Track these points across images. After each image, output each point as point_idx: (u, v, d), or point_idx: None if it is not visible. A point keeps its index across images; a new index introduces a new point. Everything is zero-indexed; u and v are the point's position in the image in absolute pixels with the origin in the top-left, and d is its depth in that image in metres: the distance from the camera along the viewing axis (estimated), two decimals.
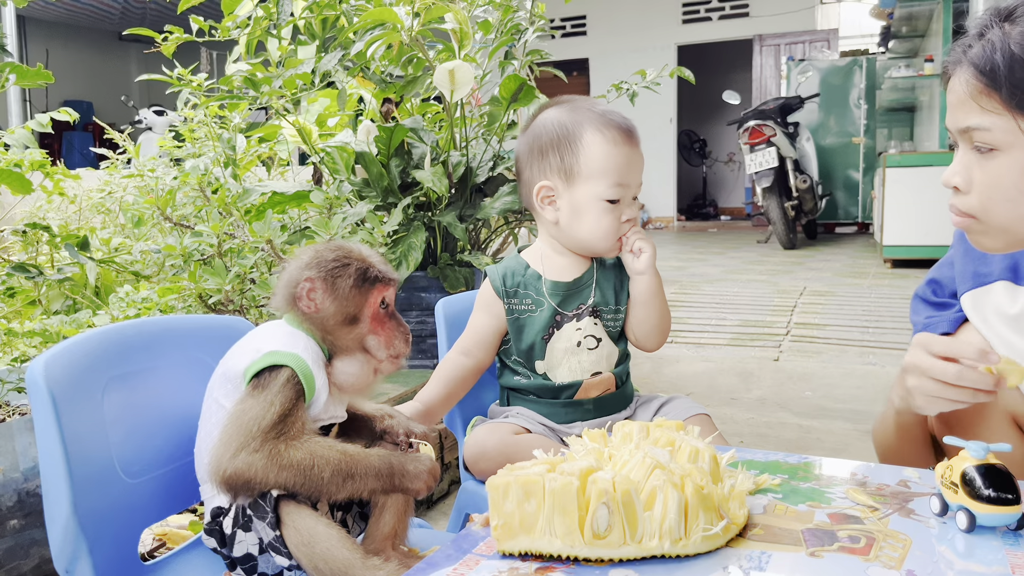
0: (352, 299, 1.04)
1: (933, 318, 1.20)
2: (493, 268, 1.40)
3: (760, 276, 5.90)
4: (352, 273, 1.04)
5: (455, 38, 2.42)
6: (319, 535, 0.98)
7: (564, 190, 1.33)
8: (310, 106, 2.86)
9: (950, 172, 1.00)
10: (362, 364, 1.06)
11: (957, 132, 0.99)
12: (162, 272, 2.23)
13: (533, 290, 1.36)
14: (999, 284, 1.11)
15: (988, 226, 0.99)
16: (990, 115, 0.94)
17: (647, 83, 2.70)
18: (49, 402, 0.94)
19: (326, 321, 1.04)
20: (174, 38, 2.49)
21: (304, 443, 0.99)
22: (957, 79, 0.97)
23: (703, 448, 0.88)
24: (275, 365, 1.01)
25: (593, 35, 11.53)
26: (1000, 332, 1.09)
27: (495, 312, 1.38)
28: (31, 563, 1.39)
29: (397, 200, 2.52)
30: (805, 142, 8.04)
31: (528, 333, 1.36)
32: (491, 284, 1.38)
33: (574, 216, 1.33)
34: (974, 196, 0.99)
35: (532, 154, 1.35)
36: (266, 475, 0.97)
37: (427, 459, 1.04)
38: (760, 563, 0.75)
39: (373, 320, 1.06)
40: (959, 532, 0.81)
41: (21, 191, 1.92)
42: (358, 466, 0.99)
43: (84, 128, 11.52)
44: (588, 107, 1.35)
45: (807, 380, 3.32)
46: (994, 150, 0.95)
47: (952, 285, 1.20)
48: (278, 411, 0.98)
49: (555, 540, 0.76)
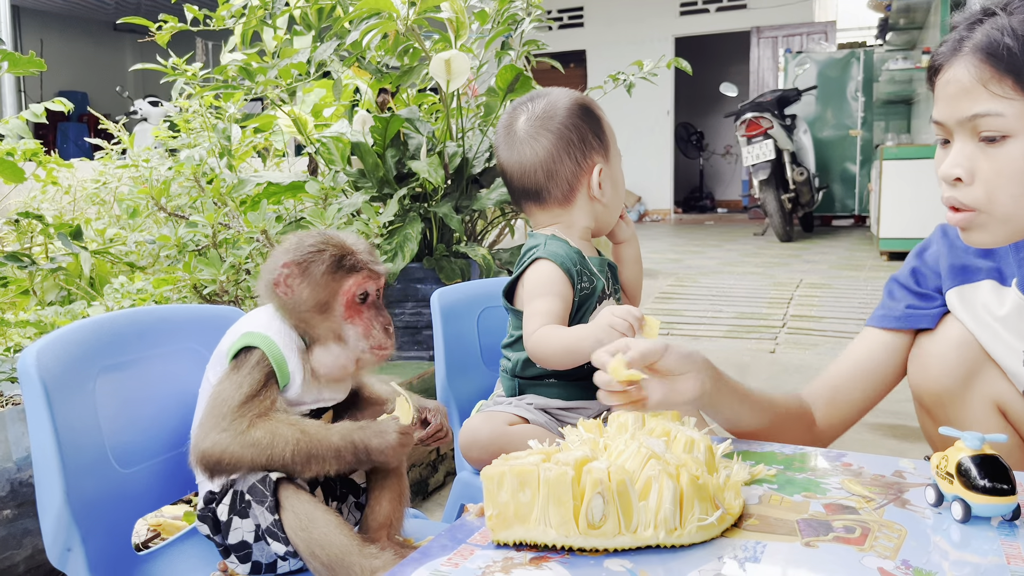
0: (325, 286, 1.03)
1: (915, 309, 1.20)
2: (550, 254, 1.32)
3: (756, 269, 5.90)
4: (326, 260, 1.03)
5: (451, 28, 2.41)
6: (317, 520, 0.98)
7: (606, 167, 1.37)
8: (305, 96, 2.84)
9: (950, 164, 0.98)
10: (338, 354, 1.05)
11: (957, 123, 0.97)
12: (157, 263, 2.22)
13: (587, 269, 1.35)
14: (986, 283, 1.12)
15: (991, 218, 0.98)
16: (1002, 100, 0.92)
17: (644, 74, 2.69)
18: (41, 391, 0.93)
19: (299, 307, 1.04)
20: (168, 27, 2.47)
21: (266, 422, 0.98)
22: (958, 69, 0.95)
23: (699, 438, 0.87)
24: (249, 346, 1.02)
25: (590, 26, 11.50)
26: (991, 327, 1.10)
27: (566, 295, 1.31)
28: (24, 553, 1.39)
29: (393, 191, 2.51)
30: (802, 134, 8.04)
31: (583, 310, 1.34)
32: (560, 268, 1.31)
33: (615, 188, 1.38)
34: (979, 187, 0.97)
35: (571, 147, 1.33)
36: (232, 454, 0.98)
37: (390, 432, 1.00)
38: (755, 553, 0.75)
39: (347, 309, 1.04)
40: (954, 522, 0.80)
41: (13, 180, 1.91)
42: (318, 446, 0.98)
43: (79, 119, 11.47)
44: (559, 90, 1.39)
45: (803, 372, 3.32)
46: (1006, 137, 0.94)
47: (935, 279, 1.19)
48: (246, 391, 0.99)
49: (550, 530, 0.75)
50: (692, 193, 12.85)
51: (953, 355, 1.13)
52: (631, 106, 3.57)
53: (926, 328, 1.18)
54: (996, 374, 1.11)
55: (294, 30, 2.68)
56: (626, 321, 1.14)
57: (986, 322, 1.11)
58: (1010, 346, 1.08)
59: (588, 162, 1.34)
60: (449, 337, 1.52)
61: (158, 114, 7.85)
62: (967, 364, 1.12)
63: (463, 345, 1.56)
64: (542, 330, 1.25)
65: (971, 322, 1.12)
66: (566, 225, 1.38)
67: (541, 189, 1.36)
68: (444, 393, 1.51)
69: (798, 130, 8.02)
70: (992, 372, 1.11)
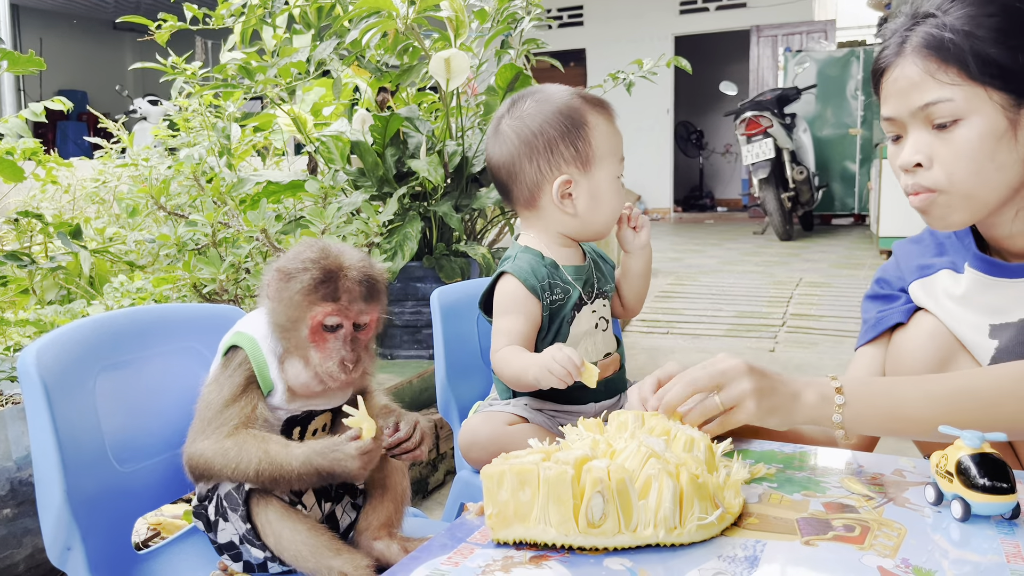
0: (296, 305, 1.01)
1: (885, 311, 1.25)
2: (514, 268, 1.31)
3: (756, 267, 5.90)
4: (305, 280, 1.00)
5: (451, 26, 2.41)
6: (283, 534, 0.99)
7: (582, 178, 1.30)
8: (305, 95, 2.84)
9: (909, 153, 1.05)
10: (299, 371, 1.03)
11: (910, 114, 1.04)
12: (157, 262, 2.22)
13: (560, 279, 1.33)
14: (943, 272, 1.19)
15: (953, 197, 1.04)
16: (949, 87, 1.01)
17: (644, 73, 2.69)
18: (41, 390, 0.93)
19: (275, 316, 1.03)
20: (168, 26, 2.47)
21: (238, 435, 0.98)
22: (905, 66, 1.04)
23: (699, 437, 0.87)
24: (236, 345, 1.02)
25: (590, 25, 11.50)
26: (951, 310, 1.15)
27: (530, 312, 1.30)
28: (24, 552, 1.39)
29: (392, 190, 2.51)
30: (802, 133, 8.04)
31: (557, 320, 1.33)
32: (524, 286, 1.30)
33: (594, 202, 1.31)
34: (938, 169, 1.04)
35: (535, 153, 1.30)
36: (209, 460, 0.98)
37: (351, 454, 0.96)
38: (755, 552, 0.75)
39: (312, 333, 1.01)
40: (954, 521, 0.80)
41: (13, 179, 1.90)
42: (279, 470, 0.97)
43: (78, 118, 11.47)
44: (561, 91, 1.33)
45: (803, 371, 3.32)
46: (957, 121, 1.01)
47: (898, 281, 1.26)
48: (226, 395, 1.00)
49: (549, 529, 0.75)
50: (692, 192, 12.85)
51: (927, 344, 1.17)
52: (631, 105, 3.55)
53: (900, 324, 1.22)
54: (967, 360, 1.15)
55: (293, 29, 2.68)
56: (564, 368, 1.14)
57: (947, 306, 1.16)
58: (972, 323, 1.13)
59: (553, 171, 1.29)
60: (449, 336, 1.51)
61: (158, 113, 7.84)
62: (940, 352, 1.16)
63: (463, 344, 1.56)
64: (502, 352, 1.27)
65: (935, 308, 1.18)
66: (540, 230, 1.35)
67: (507, 189, 1.35)
68: (444, 392, 1.51)
69: (798, 129, 8.02)
70: (964, 358, 1.15)
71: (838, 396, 0.97)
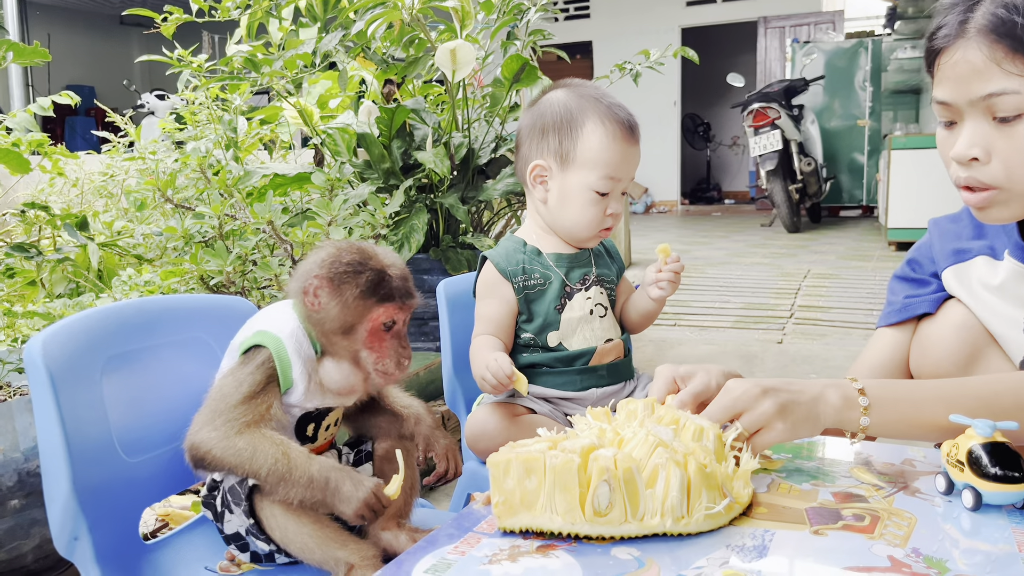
0: (354, 309, 1.00)
1: (912, 297, 1.20)
2: (492, 252, 1.39)
3: (764, 259, 5.88)
4: (361, 283, 0.99)
5: (457, 18, 2.40)
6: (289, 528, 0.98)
7: (557, 172, 1.34)
8: (311, 87, 2.84)
9: (965, 145, 0.96)
10: (348, 374, 1.03)
11: (968, 103, 0.95)
12: (164, 255, 2.22)
13: (539, 264, 1.37)
14: (980, 259, 1.12)
15: (1011, 194, 0.97)
16: (1017, 78, 0.91)
17: (651, 63, 2.68)
18: (47, 381, 0.93)
19: (324, 323, 1.01)
20: (174, 19, 2.47)
21: (252, 433, 0.97)
22: (967, 49, 0.94)
23: (707, 427, 0.87)
24: (259, 344, 1.01)
25: (597, 18, 11.46)
26: (986, 300, 1.10)
27: (503, 295, 1.36)
28: (32, 543, 1.39)
29: (399, 182, 2.50)
30: (810, 125, 8.00)
31: (540, 306, 1.36)
32: (495, 268, 1.36)
33: (562, 200, 1.35)
34: (997, 165, 0.95)
35: (533, 131, 1.36)
36: (215, 455, 0.97)
37: (365, 488, 0.95)
38: (764, 541, 0.74)
39: (371, 335, 1.01)
40: (965, 510, 0.80)
41: (19, 171, 1.91)
42: (295, 471, 0.95)
43: (86, 113, 11.50)
44: (597, 96, 1.34)
45: (811, 363, 3.30)
46: (1021, 115, 0.93)
47: (930, 265, 1.20)
48: (245, 391, 0.98)
49: (556, 517, 0.75)
50: (699, 184, 12.81)
51: (954, 338, 1.12)
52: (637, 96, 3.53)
53: (927, 314, 1.18)
54: (998, 355, 1.10)
55: (299, 21, 2.67)
56: (496, 378, 1.24)
57: (982, 296, 1.11)
58: (1008, 316, 1.08)
59: (535, 154, 1.35)
60: (455, 328, 1.51)
61: (165, 107, 7.85)
62: (968, 347, 1.11)
63: (469, 336, 1.55)
64: (476, 340, 1.35)
65: (968, 298, 1.12)
66: (531, 214, 1.42)
67: (516, 157, 1.42)
68: (450, 384, 1.50)
69: (805, 120, 7.98)
70: (994, 354, 1.10)
71: (862, 398, 0.92)
